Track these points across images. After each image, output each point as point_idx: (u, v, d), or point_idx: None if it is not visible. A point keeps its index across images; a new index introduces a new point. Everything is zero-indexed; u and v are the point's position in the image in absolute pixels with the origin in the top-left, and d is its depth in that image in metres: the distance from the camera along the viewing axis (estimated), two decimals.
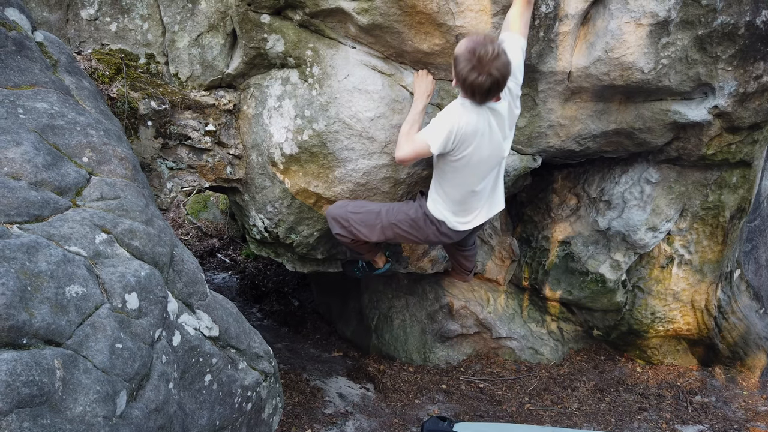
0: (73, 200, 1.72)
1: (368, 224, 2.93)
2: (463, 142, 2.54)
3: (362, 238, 2.96)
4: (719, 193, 3.46)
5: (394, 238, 3.01)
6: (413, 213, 2.92)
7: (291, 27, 2.87)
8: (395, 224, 2.92)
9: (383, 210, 2.94)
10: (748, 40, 2.79)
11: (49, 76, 2.08)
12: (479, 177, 2.69)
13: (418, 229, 2.92)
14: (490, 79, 2.33)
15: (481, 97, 2.44)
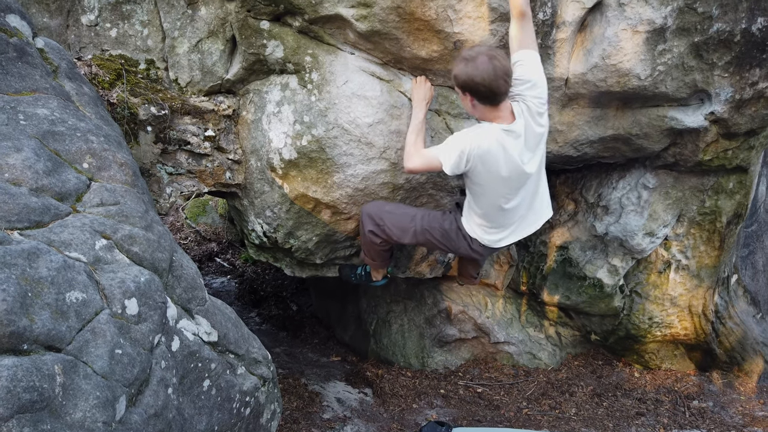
0: (74, 206, 1.73)
1: (402, 226, 2.97)
2: (477, 163, 2.55)
3: (394, 238, 3.00)
4: (716, 198, 3.48)
5: (425, 243, 3.06)
6: (447, 225, 2.96)
7: (290, 33, 2.88)
8: (428, 231, 2.96)
9: (419, 215, 2.99)
10: (744, 47, 2.82)
11: (50, 82, 2.10)
12: (505, 196, 2.68)
13: (450, 240, 2.96)
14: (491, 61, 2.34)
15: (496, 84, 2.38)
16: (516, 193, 2.68)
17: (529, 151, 2.60)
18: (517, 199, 2.70)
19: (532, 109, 2.53)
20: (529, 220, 2.85)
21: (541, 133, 2.60)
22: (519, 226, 2.84)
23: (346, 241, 3.40)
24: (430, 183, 3.20)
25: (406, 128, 2.97)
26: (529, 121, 2.54)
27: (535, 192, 2.78)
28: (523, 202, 2.74)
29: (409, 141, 2.80)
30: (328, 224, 3.23)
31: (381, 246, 3.08)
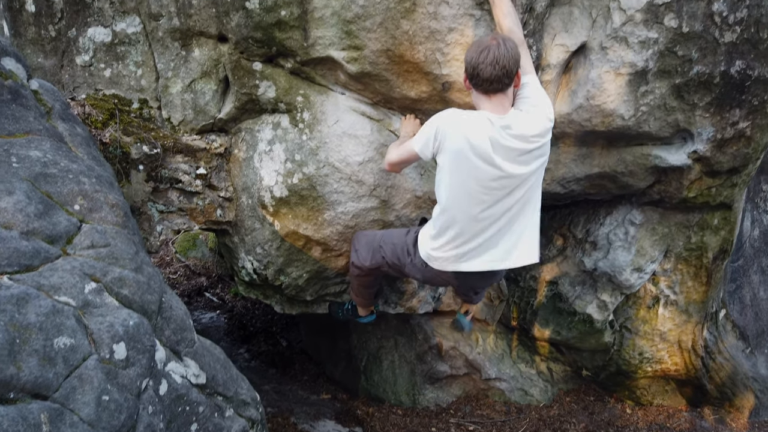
0: (64, 249, 1.73)
1: (368, 246, 2.91)
2: (445, 140, 2.33)
3: (361, 262, 2.91)
4: (701, 234, 3.53)
5: (378, 264, 2.88)
6: (396, 237, 2.82)
7: (282, 74, 2.94)
8: (381, 247, 2.84)
9: (382, 233, 2.93)
10: (724, 89, 2.90)
11: (43, 124, 2.12)
12: (479, 196, 2.37)
13: (397, 256, 2.78)
14: (499, 47, 2.23)
15: (495, 71, 2.24)
16: (493, 201, 2.38)
17: (513, 158, 2.33)
18: (491, 209, 2.40)
19: (532, 119, 2.36)
20: (500, 248, 2.49)
21: (534, 137, 2.33)
22: (484, 249, 2.48)
23: (337, 277, 3.40)
24: (420, 219, 3.22)
25: None
26: (524, 123, 2.33)
27: (517, 214, 2.45)
28: (497, 215, 2.42)
29: (391, 146, 2.75)
30: (319, 261, 3.23)
31: (361, 278, 3.03)
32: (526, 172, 2.37)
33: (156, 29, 2.89)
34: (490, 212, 2.41)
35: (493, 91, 2.31)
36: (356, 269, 3.01)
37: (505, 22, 2.48)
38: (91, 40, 2.94)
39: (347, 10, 2.65)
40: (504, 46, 2.24)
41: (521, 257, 2.53)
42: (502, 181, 2.35)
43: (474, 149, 2.30)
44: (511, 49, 2.25)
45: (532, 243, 2.55)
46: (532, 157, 2.36)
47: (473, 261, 2.51)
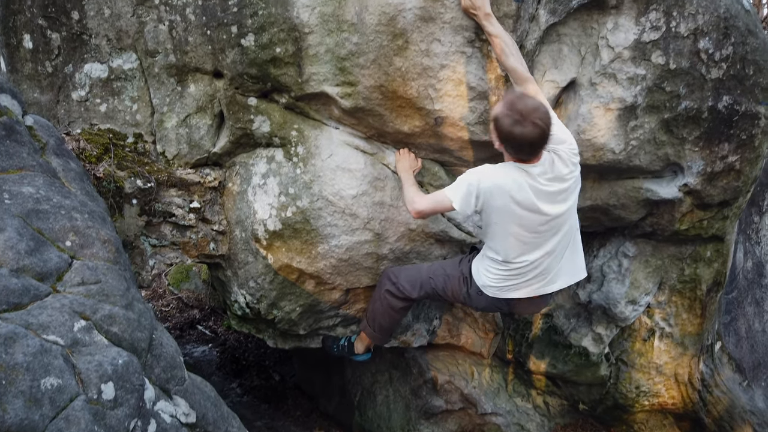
0: (54, 286, 1.72)
1: (412, 279, 2.98)
2: (488, 198, 2.47)
3: (405, 293, 2.98)
4: (695, 266, 3.54)
5: (431, 294, 2.99)
6: (450, 269, 2.92)
7: (277, 109, 2.97)
8: (432, 278, 2.93)
9: (428, 264, 3.02)
10: (712, 123, 2.95)
11: (37, 159, 2.12)
12: (529, 240, 2.55)
13: (450, 286, 2.90)
14: (536, 129, 2.30)
15: (531, 149, 2.39)
16: (539, 240, 2.55)
17: (555, 200, 2.49)
18: (539, 248, 2.57)
19: (563, 157, 2.49)
20: (551, 274, 2.68)
21: (568, 174, 2.50)
22: (537, 279, 2.67)
23: (330, 310, 3.38)
24: (413, 252, 3.22)
25: (389, 200, 3.02)
26: (558, 165, 2.47)
27: (564, 246, 2.65)
28: (548, 252, 2.60)
29: (409, 191, 2.78)
30: (312, 294, 3.21)
31: (394, 308, 3.04)
32: (568, 208, 2.57)
33: (152, 65, 2.93)
34: (542, 250, 2.59)
35: (528, 160, 2.46)
36: (396, 299, 3.03)
37: (509, 61, 2.55)
38: (88, 75, 2.97)
39: (341, 48, 2.69)
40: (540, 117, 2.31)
41: (570, 277, 2.76)
42: (550, 223, 2.53)
43: (519, 204, 2.47)
44: (548, 115, 2.35)
45: (579, 262, 2.78)
46: (569, 192, 2.55)
47: (526, 289, 2.71)
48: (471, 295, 2.85)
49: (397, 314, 3.11)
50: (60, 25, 2.92)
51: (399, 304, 3.06)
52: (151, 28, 2.86)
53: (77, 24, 2.91)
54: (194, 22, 2.80)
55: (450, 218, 3.15)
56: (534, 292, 2.72)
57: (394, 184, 3.02)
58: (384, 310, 3.07)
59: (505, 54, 2.55)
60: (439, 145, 2.96)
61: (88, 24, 2.90)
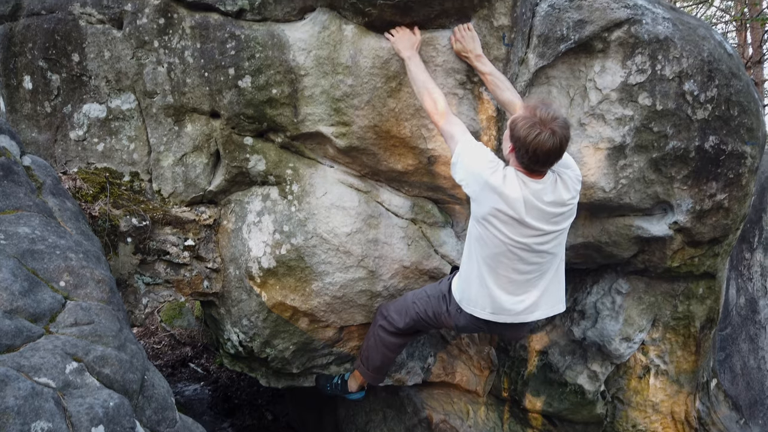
0: (47, 327, 1.71)
1: (399, 308, 2.94)
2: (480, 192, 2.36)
3: (395, 324, 2.94)
4: (688, 303, 3.56)
5: (415, 321, 2.89)
6: (430, 290, 2.86)
7: (272, 148, 3.02)
8: (416, 302, 2.88)
9: (412, 292, 2.98)
10: (699, 162, 3.01)
11: (33, 200, 2.14)
12: (509, 251, 2.42)
13: (431, 307, 2.80)
14: (553, 137, 2.20)
15: (543, 158, 2.27)
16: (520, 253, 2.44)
17: (546, 219, 2.40)
18: (518, 263, 2.46)
19: (566, 182, 2.42)
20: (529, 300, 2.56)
21: (567, 201, 2.42)
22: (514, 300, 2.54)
23: (324, 348, 3.35)
24: (408, 290, 3.22)
25: (383, 237, 3.05)
26: (560, 189, 2.40)
27: (547, 273, 2.55)
28: (526, 270, 2.49)
29: (428, 87, 2.51)
30: (306, 332, 3.20)
31: (386, 345, 2.99)
32: (557, 230, 2.46)
33: (150, 106, 2.98)
34: (521, 266, 2.48)
35: (534, 171, 2.36)
36: (388, 334, 2.99)
37: (504, 95, 2.60)
38: (86, 115, 3.02)
39: (336, 89, 2.76)
40: (560, 126, 2.22)
41: (549, 308, 2.62)
42: (534, 238, 2.42)
43: (507, 212, 2.35)
44: (568, 127, 2.26)
45: (559, 294, 2.65)
46: (564, 218, 2.46)
47: (503, 313, 2.58)
48: (451, 313, 2.74)
49: (390, 352, 3.07)
50: (60, 67, 2.98)
51: (391, 339, 3.02)
52: (150, 70, 2.92)
53: (77, 66, 2.97)
54: (192, 65, 2.86)
55: (444, 255, 3.17)
56: (513, 318, 2.58)
57: (387, 222, 3.05)
58: (377, 347, 3.04)
59: (499, 89, 2.60)
60: (432, 183, 3.00)
61: (88, 66, 2.96)
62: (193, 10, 2.84)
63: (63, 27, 2.95)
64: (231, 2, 2.78)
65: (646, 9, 2.86)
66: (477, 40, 2.64)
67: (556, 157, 2.29)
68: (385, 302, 3.14)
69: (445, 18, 2.66)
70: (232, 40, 2.79)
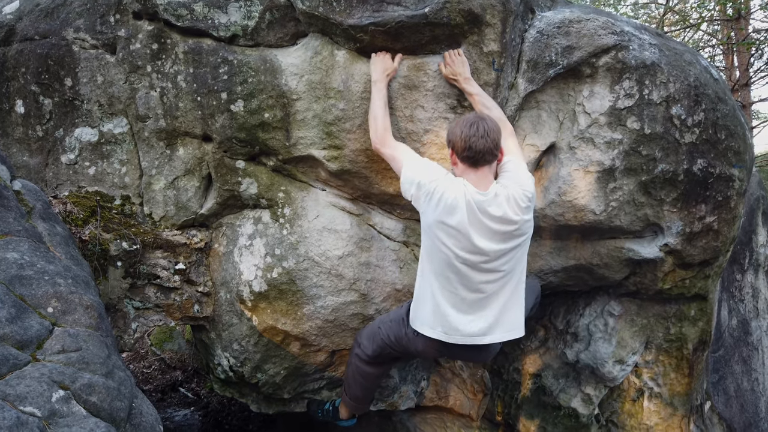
0: (34, 354, 1.69)
1: (368, 333, 2.88)
2: (429, 202, 2.39)
3: (366, 351, 2.86)
4: (680, 325, 3.56)
5: (381, 350, 2.81)
6: (393, 314, 2.81)
7: (264, 171, 3.02)
8: (380, 327, 2.82)
9: (379, 317, 2.92)
10: (688, 185, 3.04)
11: (23, 224, 2.13)
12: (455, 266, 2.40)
13: (392, 330, 2.73)
14: (482, 140, 2.35)
15: (473, 155, 2.37)
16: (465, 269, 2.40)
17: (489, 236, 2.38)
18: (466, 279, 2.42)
19: (510, 196, 2.40)
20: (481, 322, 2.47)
21: (515, 221, 2.39)
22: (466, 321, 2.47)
23: (315, 373, 3.32)
24: None
25: (375, 260, 3.04)
26: (504, 205, 2.38)
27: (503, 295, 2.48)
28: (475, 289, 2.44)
29: (377, 114, 2.62)
30: (297, 357, 3.17)
31: (362, 374, 2.92)
32: (504, 248, 2.42)
33: (142, 130, 2.99)
34: (469, 284, 2.44)
35: (482, 163, 2.42)
36: (361, 362, 2.91)
37: (493, 114, 2.62)
38: (78, 139, 3.02)
39: (328, 113, 2.78)
40: (489, 120, 2.42)
41: (505, 332, 2.53)
42: (478, 256, 2.39)
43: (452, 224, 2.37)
44: (495, 124, 2.43)
45: (516, 317, 2.55)
46: (510, 237, 2.42)
47: (455, 333, 2.50)
48: (409, 337, 2.66)
49: (366, 382, 2.96)
50: (53, 91, 2.99)
51: (365, 368, 2.91)
52: (143, 94, 2.94)
53: (70, 90, 2.98)
54: (185, 89, 2.88)
55: None
56: (465, 339, 2.49)
57: (379, 245, 3.05)
58: (354, 376, 2.96)
59: (486, 108, 2.63)
60: None
61: (81, 90, 2.98)
62: (187, 35, 2.87)
63: (56, 52, 2.96)
64: (224, 28, 2.81)
65: (632, 35, 2.92)
66: (466, 65, 2.67)
67: (495, 138, 2.40)
68: (361, 328, 3.07)
69: (436, 44, 2.70)
70: (224, 65, 2.81)
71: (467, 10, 2.59)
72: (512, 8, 2.67)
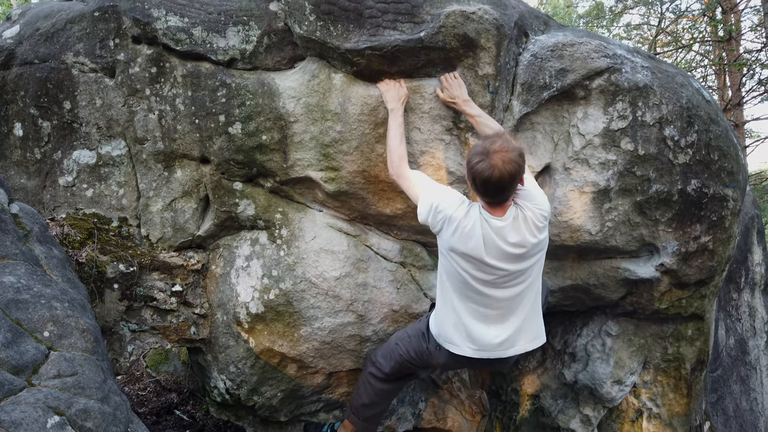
0: (29, 379, 1.68)
1: (385, 353, 2.88)
2: (448, 228, 2.37)
3: (382, 369, 2.86)
4: (677, 345, 3.55)
5: (399, 363, 2.81)
6: (411, 330, 2.80)
7: (262, 193, 3.04)
8: (398, 344, 2.82)
9: (395, 334, 2.91)
10: (683, 206, 3.06)
11: (20, 248, 2.13)
12: (476, 286, 2.41)
13: (412, 346, 2.73)
14: (493, 168, 2.20)
15: (488, 188, 2.27)
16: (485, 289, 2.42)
17: (508, 259, 2.37)
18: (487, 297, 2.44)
19: (528, 218, 2.37)
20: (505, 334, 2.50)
21: (533, 243, 2.38)
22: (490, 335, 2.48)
23: (313, 395, 3.30)
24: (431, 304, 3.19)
25: (372, 281, 3.04)
26: (522, 228, 2.36)
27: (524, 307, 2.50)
28: (498, 305, 2.46)
29: (392, 145, 2.64)
30: (294, 379, 3.15)
31: (376, 392, 2.91)
32: (522, 268, 2.43)
33: (140, 152, 3.01)
34: (490, 301, 2.45)
35: (493, 203, 2.37)
36: (377, 381, 2.92)
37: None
38: (76, 162, 3.03)
39: (325, 135, 2.80)
40: (504, 158, 2.22)
41: (528, 342, 2.56)
42: (499, 274, 2.40)
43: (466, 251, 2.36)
44: (515, 160, 2.24)
45: (537, 327, 2.60)
46: (529, 256, 2.41)
47: (480, 348, 2.52)
48: (431, 352, 2.68)
49: (381, 400, 2.99)
50: (51, 114, 3.01)
51: (381, 386, 2.95)
52: (141, 117, 2.96)
53: (68, 113, 3.00)
54: (183, 112, 2.90)
55: (433, 298, 3.17)
56: (489, 354, 2.52)
57: (377, 265, 3.05)
58: (368, 395, 2.97)
59: (489, 128, 2.61)
60: (420, 227, 3.01)
61: (80, 113, 3.00)
62: (185, 59, 2.90)
63: (55, 75, 2.99)
64: (222, 52, 2.84)
65: (625, 58, 2.96)
66: (464, 87, 2.71)
67: (504, 187, 2.27)
68: (375, 348, 3.11)
69: (431, 67, 2.74)
70: (223, 88, 2.84)
71: (462, 34, 2.64)
72: (506, 32, 2.72)
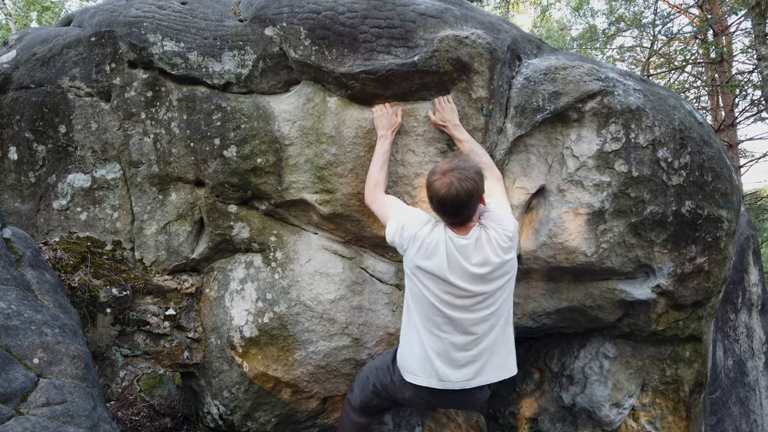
0: (18, 407, 1.65)
1: (359, 381, 2.81)
2: (412, 247, 2.36)
3: (356, 401, 2.77)
4: (675, 367, 3.52)
5: (369, 400, 2.73)
6: (379, 361, 2.73)
7: (257, 215, 3.03)
8: (368, 375, 2.75)
9: (368, 364, 2.85)
10: (678, 227, 3.06)
11: (11, 273, 2.12)
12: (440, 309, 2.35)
13: (380, 381, 2.64)
14: (449, 186, 2.23)
15: (445, 207, 2.29)
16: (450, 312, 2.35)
17: (469, 278, 2.33)
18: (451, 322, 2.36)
19: (492, 238, 2.35)
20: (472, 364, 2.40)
21: (497, 263, 2.34)
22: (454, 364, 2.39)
23: (307, 420, 3.25)
24: None
25: (367, 304, 3.02)
26: (486, 248, 2.34)
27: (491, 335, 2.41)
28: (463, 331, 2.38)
29: (372, 171, 2.68)
30: (289, 404, 3.11)
31: (352, 423, 2.84)
32: (488, 290, 2.37)
33: (135, 175, 3.01)
34: (456, 325, 2.37)
35: (454, 223, 2.38)
36: (352, 411, 2.84)
37: (482, 160, 2.65)
38: (70, 185, 3.03)
39: (320, 158, 2.81)
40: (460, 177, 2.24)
41: (495, 373, 2.45)
42: (464, 295, 2.34)
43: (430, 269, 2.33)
44: (472, 177, 2.26)
45: (506, 357, 2.49)
46: (493, 278, 2.36)
47: (443, 378, 2.40)
48: (396, 385, 2.56)
49: (354, 430, 2.87)
50: (46, 138, 3.02)
51: (354, 417, 2.83)
52: (137, 140, 2.97)
53: (64, 137, 3.01)
54: (178, 135, 2.91)
55: None
56: (453, 384, 2.40)
57: (372, 288, 3.04)
58: (344, 425, 2.89)
59: (475, 153, 2.65)
60: None
61: (75, 137, 3.00)
62: (181, 83, 2.92)
63: (51, 100, 3.00)
64: (218, 76, 2.86)
65: (617, 81, 2.99)
66: (455, 112, 2.73)
67: (460, 205, 2.27)
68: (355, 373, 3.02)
69: (426, 91, 2.76)
70: (218, 111, 2.86)
71: (456, 58, 2.66)
72: (499, 56, 2.75)
